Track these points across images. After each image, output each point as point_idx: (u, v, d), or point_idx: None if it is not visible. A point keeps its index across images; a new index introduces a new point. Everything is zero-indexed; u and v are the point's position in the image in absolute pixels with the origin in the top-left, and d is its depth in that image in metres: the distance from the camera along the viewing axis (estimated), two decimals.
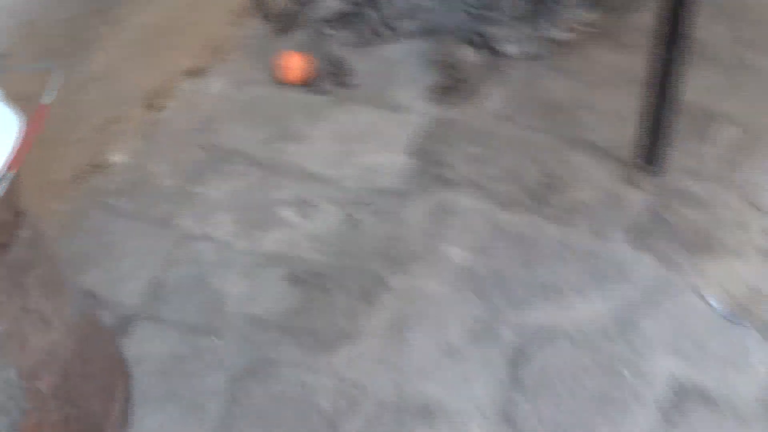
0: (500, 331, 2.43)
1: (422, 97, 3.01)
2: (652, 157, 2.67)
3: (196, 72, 3.07)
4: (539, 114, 2.93)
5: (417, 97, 3.02)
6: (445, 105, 2.98)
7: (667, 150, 2.69)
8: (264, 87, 3.08)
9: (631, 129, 2.70)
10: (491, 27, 3.12)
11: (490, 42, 3.10)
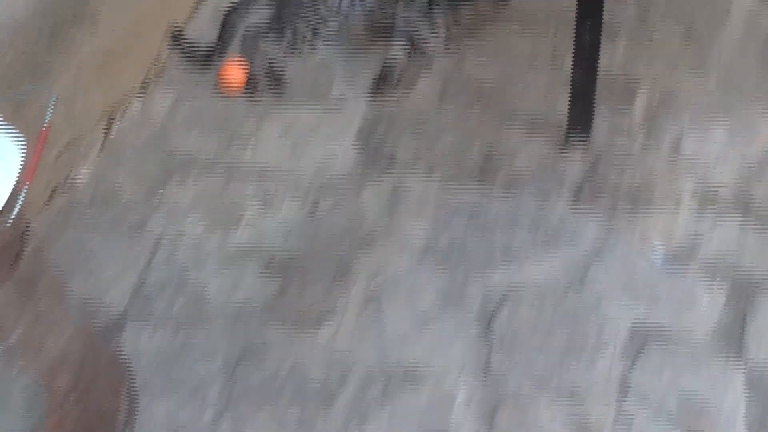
0: (467, 295, 2.56)
1: (361, 93, 3.13)
2: (583, 124, 2.82)
3: (146, 89, 3.16)
4: (472, 96, 3.06)
5: (356, 93, 3.13)
6: (383, 97, 3.10)
7: (595, 115, 2.84)
8: (209, 99, 3.16)
9: (559, 100, 2.85)
10: (407, 24, 3.25)
11: (412, 37, 3.23)
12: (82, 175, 2.90)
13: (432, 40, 3.20)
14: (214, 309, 2.58)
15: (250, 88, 3.14)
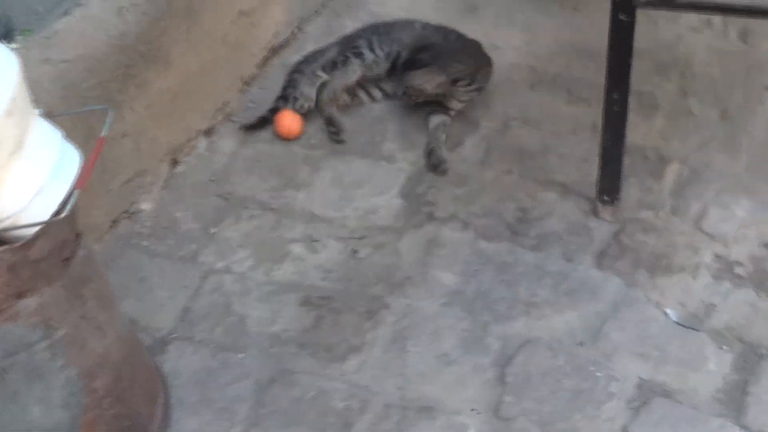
0: (487, 341, 2.66)
1: (409, 149, 3.26)
2: (611, 191, 2.92)
3: (210, 131, 3.32)
4: (513, 161, 3.18)
5: (404, 149, 3.27)
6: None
7: (624, 186, 2.94)
8: (269, 144, 3.31)
9: (594, 171, 2.95)
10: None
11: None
12: (144, 207, 3.05)
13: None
14: (251, 337, 2.71)
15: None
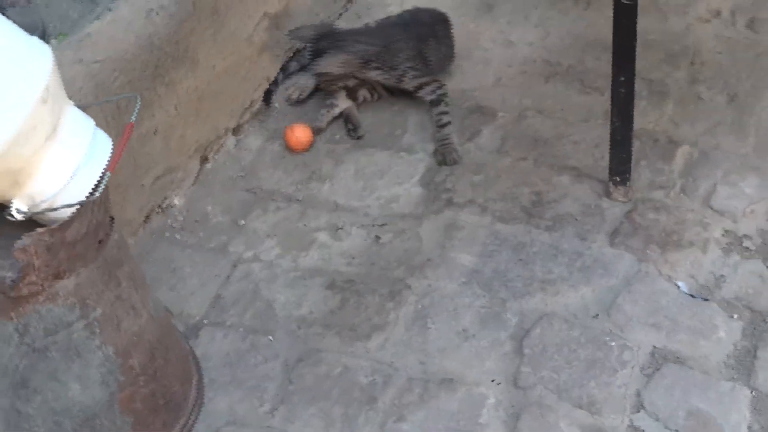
0: (505, 317, 2.72)
1: (428, 140, 3.33)
2: (622, 173, 2.97)
3: (238, 130, 3.41)
4: (527, 147, 3.24)
5: (424, 140, 3.33)
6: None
7: (636, 168, 3.00)
8: None
9: (606, 156, 3.00)
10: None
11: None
12: (176, 202, 3.14)
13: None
14: (279, 320, 2.78)
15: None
